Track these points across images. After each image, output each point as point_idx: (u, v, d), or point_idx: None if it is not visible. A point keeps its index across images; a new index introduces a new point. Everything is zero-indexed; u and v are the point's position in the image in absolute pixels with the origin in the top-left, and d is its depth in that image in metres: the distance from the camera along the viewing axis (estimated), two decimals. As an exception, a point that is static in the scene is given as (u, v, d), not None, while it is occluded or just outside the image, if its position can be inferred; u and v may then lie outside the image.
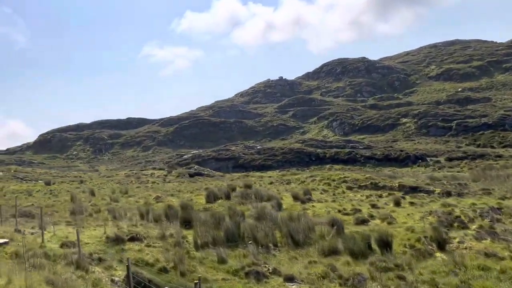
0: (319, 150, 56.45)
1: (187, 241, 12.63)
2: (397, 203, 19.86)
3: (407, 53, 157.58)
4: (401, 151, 50.94)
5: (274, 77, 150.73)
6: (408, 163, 48.14)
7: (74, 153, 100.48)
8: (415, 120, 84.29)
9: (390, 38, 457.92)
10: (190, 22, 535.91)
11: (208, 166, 57.26)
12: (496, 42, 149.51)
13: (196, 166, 48.25)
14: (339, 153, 53.59)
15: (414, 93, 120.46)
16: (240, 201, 21.36)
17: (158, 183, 34.72)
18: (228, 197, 22.33)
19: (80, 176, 44.98)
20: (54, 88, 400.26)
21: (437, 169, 44.42)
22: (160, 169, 58.59)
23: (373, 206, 19.57)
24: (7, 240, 10.92)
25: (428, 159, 48.57)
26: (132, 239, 12.26)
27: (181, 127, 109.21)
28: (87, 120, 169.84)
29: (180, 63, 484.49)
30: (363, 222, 16.49)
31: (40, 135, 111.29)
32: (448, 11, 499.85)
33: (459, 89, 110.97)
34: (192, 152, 72.41)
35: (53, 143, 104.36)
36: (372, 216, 17.15)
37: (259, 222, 15.51)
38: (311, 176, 27.16)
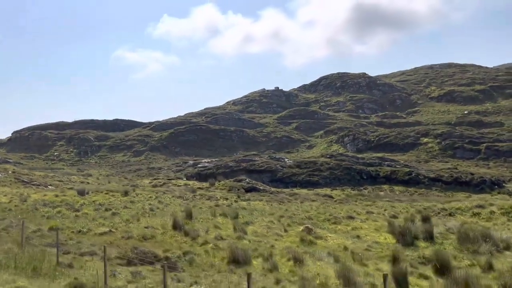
0: (370, 168, 49.63)
1: None
2: None
3: (403, 73, 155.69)
4: (472, 174, 44.88)
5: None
6: (484, 189, 41.97)
7: (56, 153, 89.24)
8: (438, 140, 79.55)
9: (367, 59, 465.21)
10: (167, 27, 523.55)
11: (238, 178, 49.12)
12: (488, 67, 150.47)
13: (248, 180, 40.03)
14: (397, 173, 46.94)
15: (417, 113, 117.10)
16: (461, 247, 13.80)
17: (235, 201, 26.39)
18: (430, 237, 14.69)
19: (126, 185, 35.80)
20: (19, 86, 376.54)
21: (526, 197, 38.38)
22: (178, 178, 50.02)
23: None
24: None
25: (503, 185, 42.70)
26: None
27: (176, 132, 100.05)
28: (60, 118, 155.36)
29: (154, 68, 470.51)
30: None
31: (14, 132, 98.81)
32: (424, 38, 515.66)
33: (466, 112, 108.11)
34: (203, 161, 63.89)
35: (31, 142, 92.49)
36: None
37: None
38: (479, 206, 19.96)
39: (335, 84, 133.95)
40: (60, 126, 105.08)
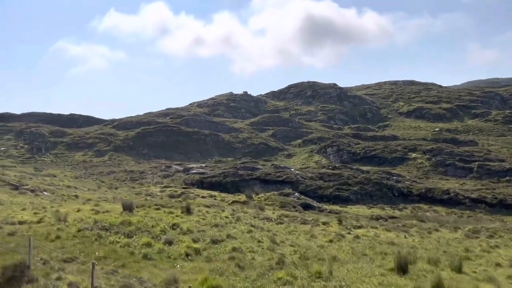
0: (400, 184, 45.00)
1: None
2: None
3: (367, 87, 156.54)
4: (513, 195, 41.77)
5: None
6: (532, 212, 38.75)
7: (2, 148, 76.31)
8: (428, 156, 77.62)
9: (314, 70, 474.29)
10: (114, 21, 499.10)
11: (250, 189, 42.32)
12: (447, 86, 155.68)
13: (296, 193, 33.30)
14: (433, 191, 42.65)
15: (388, 127, 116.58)
16: None
17: (347, 228, 19.72)
18: None
19: (138, 193, 27.39)
20: None
21: None
22: (170, 186, 42.10)
23: None
24: None
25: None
26: None
27: (144, 132, 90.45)
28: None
29: (97, 63, 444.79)
30: None
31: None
32: (371, 54, 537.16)
33: (437, 129, 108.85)
34: (195, 166, 56.09)
35: (-29, 133, 78.74)
36: None
37: None
38: None
39: (306, 93, 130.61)
40: (5, 118, 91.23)
